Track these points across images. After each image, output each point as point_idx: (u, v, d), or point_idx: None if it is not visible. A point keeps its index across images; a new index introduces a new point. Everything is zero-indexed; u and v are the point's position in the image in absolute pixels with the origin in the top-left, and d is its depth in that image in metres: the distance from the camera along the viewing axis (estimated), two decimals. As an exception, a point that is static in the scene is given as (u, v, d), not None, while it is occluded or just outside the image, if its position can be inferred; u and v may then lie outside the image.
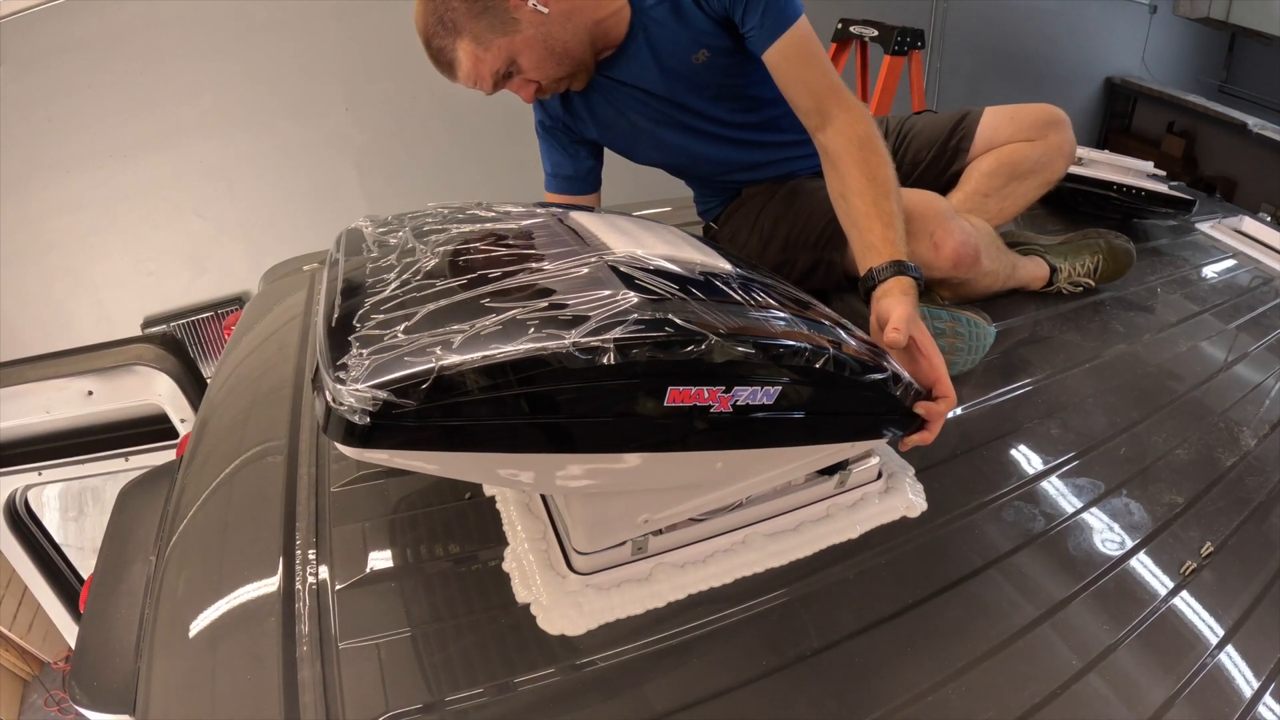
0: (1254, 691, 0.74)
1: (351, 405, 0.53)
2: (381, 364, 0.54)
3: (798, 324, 0.70)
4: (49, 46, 2.41)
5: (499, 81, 1.10)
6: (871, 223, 0.97)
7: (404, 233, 0.79)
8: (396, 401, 0.53)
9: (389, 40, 2.85)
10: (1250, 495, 1.00)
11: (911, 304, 0.88)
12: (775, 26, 1.07)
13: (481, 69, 1.07)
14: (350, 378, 0.54)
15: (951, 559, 0.85)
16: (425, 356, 0.54)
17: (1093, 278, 1.45)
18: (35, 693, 2.53)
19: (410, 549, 0.82)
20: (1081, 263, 1.44)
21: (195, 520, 0.88)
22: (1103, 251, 1.45)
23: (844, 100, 1.06)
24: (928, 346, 0.85)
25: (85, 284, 2.78)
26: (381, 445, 0.54)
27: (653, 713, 0.66)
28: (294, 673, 0.68)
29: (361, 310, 0.62)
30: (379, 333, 0.58)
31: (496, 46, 1.05)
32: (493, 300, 0.62)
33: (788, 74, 1.09)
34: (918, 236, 1.14)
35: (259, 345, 1.26)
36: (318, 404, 0.57)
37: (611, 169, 1.37)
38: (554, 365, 0.56)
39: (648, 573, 0.78)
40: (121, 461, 1.63)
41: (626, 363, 0.58)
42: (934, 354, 0.85)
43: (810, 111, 1.08)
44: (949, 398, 0.83)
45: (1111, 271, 1.46)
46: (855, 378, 0.72)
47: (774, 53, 1.08)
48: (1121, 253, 1.45)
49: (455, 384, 0.54)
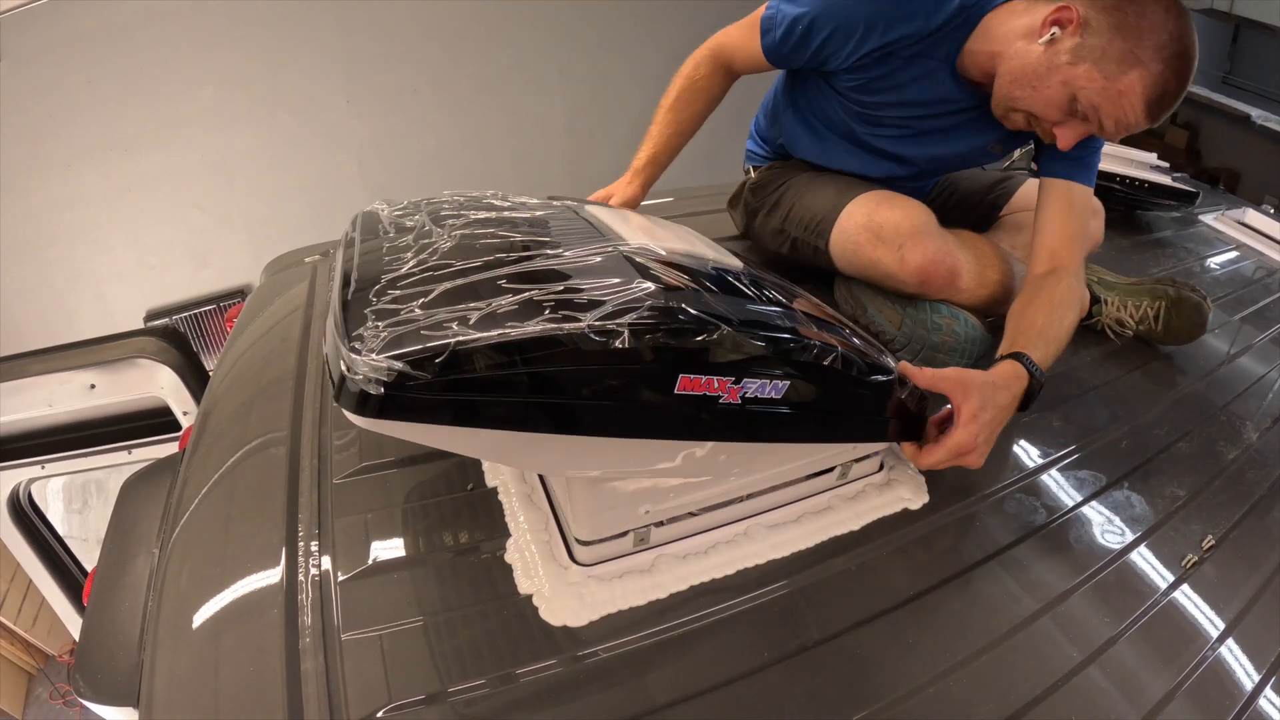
0: (1255, 685, 0.74)
1: (366, 375, 0.53)
2: (398, 336, 0.55)
3: (807, 322, 0.70)
4: (49, 41, 2.41)
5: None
6: (1029, 324, 1.00)
7: (420, 216, 0.79)
8: (412, 373, 0.53)
9: (390, 33, 2.84)
10: (1252, 489, 1.00)
11: (992, 401, 0.86)
12: (1083, 175, 1.13)
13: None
14: (366, 348, 0.54)
15: (953, 551, 0.86)
16: (442, 331, 0.55)
17: (1151, 325, 1.27)
18: (40, 686, 2.55)
19: (413, 540, 0.83)
20: (1137, 305, 1.28)
21: (198, 513, 0.88)
22: (1166, 299, 1.26)
23: (1081, 264, 1.11)
24: (963, 434, 0.84)
25: (87, 278, 2.79)
26: (394, 416, 0.55)
27: (655, 703, 0.67)
28: (297, 664, 0.68)
29: (378, 286, 0.62)
30: (395, 307, 0.58)
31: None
32: (509, 282, 0.62)
33: (1057, 214, 1.12)
34: (888, 245, 1.15)
35: (261, 338, 1.26)
36: (331, 373, 0.57)
37: (607, 171, 1.37)
38: (568, 346, 0.56)
39: (650, 564, 0.79)
40: (124, 454, 1.63)
41: (639, 348, 0.58)
42: (962, 441, 0.84)
43: (1050, 255, 1.10)
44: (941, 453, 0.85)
45: (1176, 326, 1.26)
46: (862, 377, 0.72)
47: (1060, 189, 1.13)
48: (1189, 306, 1.24)
49: (470, 359, 0.54)
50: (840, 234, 1.21)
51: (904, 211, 1.16)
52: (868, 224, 1.17)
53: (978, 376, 0.87)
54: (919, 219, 1.15)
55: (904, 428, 0.84)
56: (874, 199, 1.19)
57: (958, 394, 0.85)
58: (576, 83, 3.25)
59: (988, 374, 0.89)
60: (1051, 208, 1.13)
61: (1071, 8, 0.97)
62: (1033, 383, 0.92)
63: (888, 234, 1.15)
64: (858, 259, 1.20)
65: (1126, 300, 1.29)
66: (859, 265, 1.21)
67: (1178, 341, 1.28)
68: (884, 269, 1.16)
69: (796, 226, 1.30)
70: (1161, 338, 1.28)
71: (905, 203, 1.17)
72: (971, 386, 0.85)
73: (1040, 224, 1.13)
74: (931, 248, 1.13)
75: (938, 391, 0.86)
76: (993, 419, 0.86)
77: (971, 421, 0.84)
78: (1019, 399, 0.91)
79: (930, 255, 1.13)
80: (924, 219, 1.16)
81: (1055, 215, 1.13)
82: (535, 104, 3.20)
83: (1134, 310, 1.28)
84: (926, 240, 1.14)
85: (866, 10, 1.08)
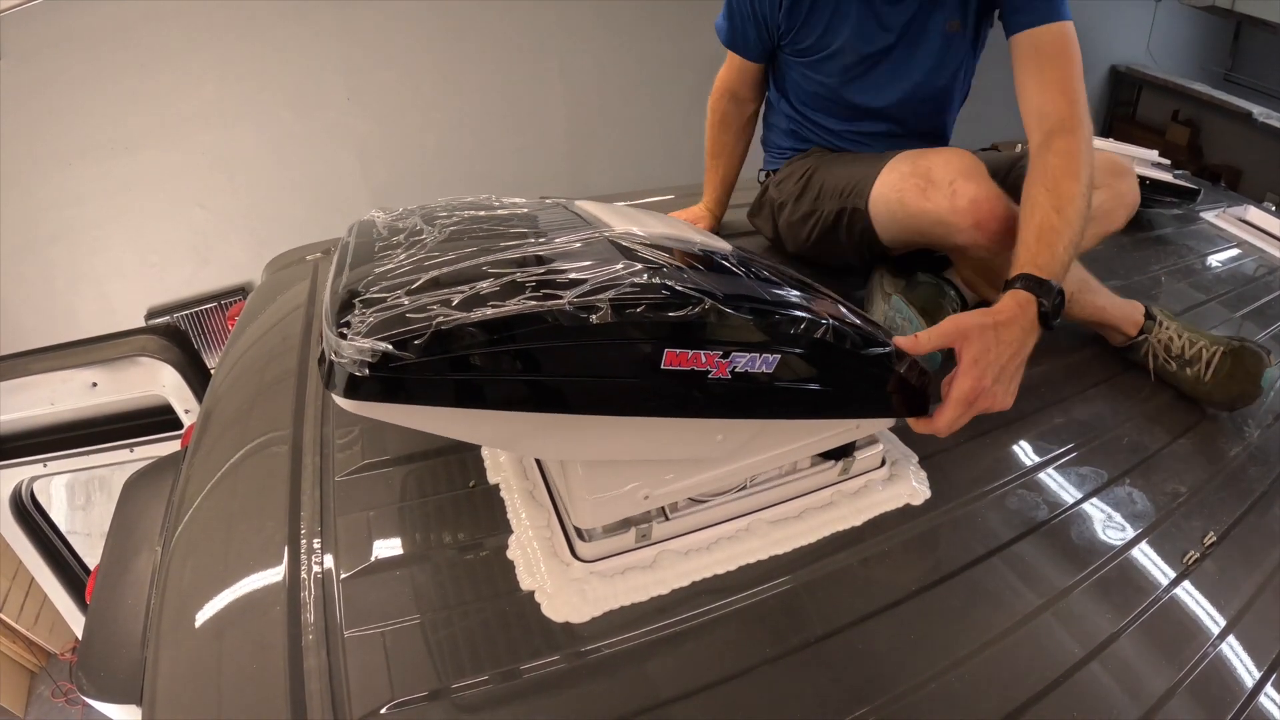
0: (1255, 681, 0.74)
1: (352, 358, 0.53)
2: (383, 320, 0.55)
3: (798, 296, 0.70)
4: (50, 39, 2.40)
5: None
6: (1027, 229, 0.94)
7: (414, 219, 0.79)
8: (395, 354, 0.53)
9: (391, 29, 2.84)
10: (1253, 485, 1.00)
11: (995, 340, 0.82)
12: (1044, 10, 1.04)
13: None
14: (352, 332, 0.55)
15: (955, 547, 0.86)
16: (425, 313, 0.55)
17: (1202, 371, 1.13)
18: (43, 684, 2.55)
19: (415, 537, 0.83)
20: (1195, 340, 1.15)
21: (200, 510, 0.89)
22: (1225, 345, 1.13)
23: (1086, 117, 1.02)
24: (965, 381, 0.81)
25: (88, 276, 2.79)
26: (380, 398, 0.55)
27: (657, 699, 0.67)
28: (300, 661, 0.68)
29: (368, 278, 0.63)
30: (383, 295, 0.59)
31: None
32: (493, 267, 0.62)
33: (1031, 70, 1.05)
34: (938, 187, 1.08)
35: (262, 335, 1.26)
36: (321, 363, 0.58)
37: (608, 167, 1.37)
38: (550, 323, 0.57)
39: (652, 560, 0.79)
40: (126, 453, 1.63)
41: (621, 322, 0.58)
42: (965, 389, 0.81)
43: (1050, 115, 1.02)
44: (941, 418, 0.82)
45: (1232, 377, 1.11)
46: (856, 350, 0.72)
47: (1025, 40, 1.06)
48: (1250, 356, 1.11)
49: (453, 338, 0.55)
50: (883, 186, 1.16)
51: (953, 153, 1.11)
52: (913, 169, 1.12)
53: (974, 319, 0.83)
54: (969, 160, 1.09)
55: (906, 402, 0.81)
56: (917, 152, 1.16)
57: (957, 342, 0.82)
58: (578, 81, 3.24)
59: (986, 313, 0.84)
60: (1023, 67, 1.06)
61: None
62: (1043, 301, 0.86)
63: (938, 174, 1.08)
64: (903, 211, 1.14)
65: (1184, 330, 1.17)
66: (905, 219, 1.15)
67: (1225, 396, 1.12)
68: (934, 215, 1.08)
69: (830, 199, 1.26)
70: (1209, 390, 1.13)
71: (951, 149, 1.14)
72: (970, 331, 0.81)
73: (1018, 92, 1.06)
74: (985, 186, 1.05)
75: (941, 348, 0.83)
76: (1000, 358, 0.82)
77: (973, 366, 0.80)
78: (1035, 323, 0.86)
79: (984, 192, 1.04)
80: (974, 161, 1.09)
81: (1029, 73, 1.05)
82: (537, 102, 3.19)
83: (1188, 344, 1.15)
84: (980, 179, 1.06)
85: None
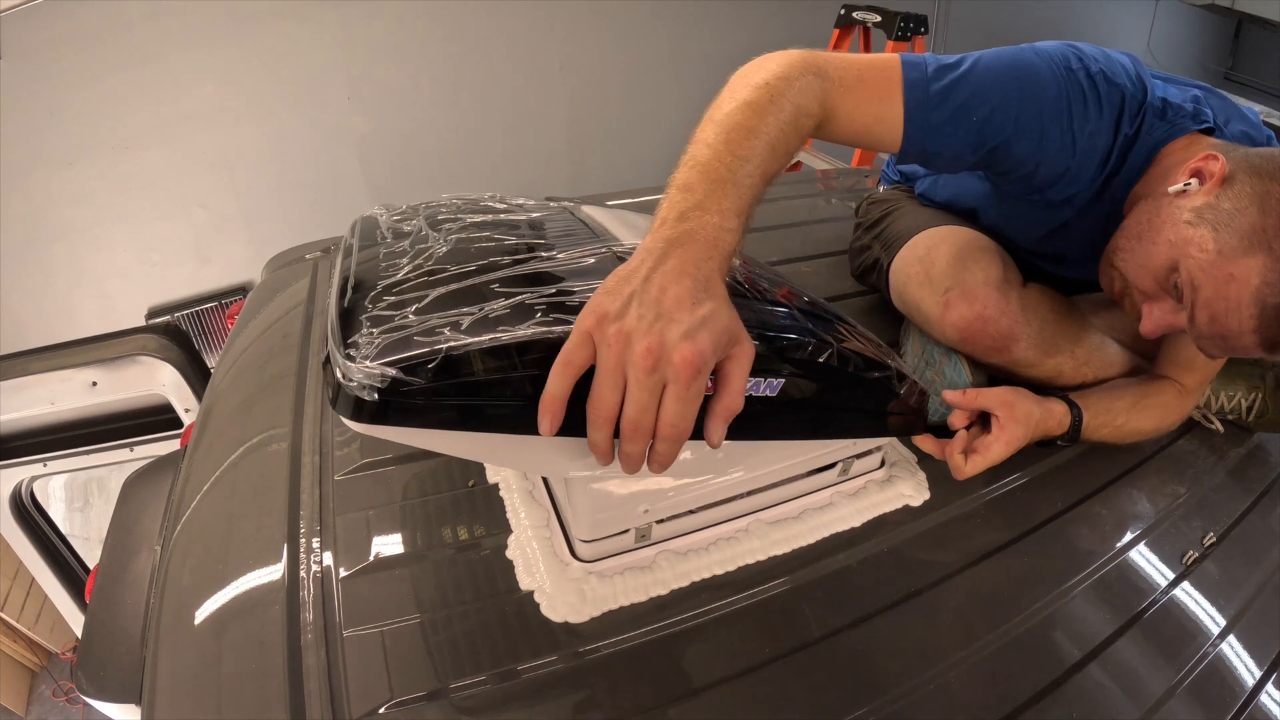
0: (1256, 681, 0.74)
1: (361, 382, 0.53)
2: (391, 343, 0.55)
3: (803, 318, 0.70)
4: (50, 38, 2.41)
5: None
6: (1110, 397, 0.97)
7: (418, 220, 0.79)
8: (405, 379, 0.53)
9: (391, 29, 2.84)
10: (1253, 485, 1.00)
11: (1035, 430, 0.89)
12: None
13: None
14: (360, 355, 0.54)
15: (954, 548, 0.85)
16: (434, 336, 0.55)
17: (1243, 417, 1.10)
18: (43, 683, 2.55)
19: (414, 537, 0.83)
20: (1231, 395, 1.09)
21: (199, 509, 0.89)
22: (1264, 389, 1.08)
23: (1197, 388, 1.02)
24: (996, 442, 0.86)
25: (89, 275, 2.79)
26: (389, 422, 0.55)
27: (656, 699, 0.67)
28: (299, 660, 0.68)
29: (374, 292, 0.63)
30: (390, 313, 0.59)
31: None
32: (502, 285, 0.63)
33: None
34: (934, 289, 0.99)
35: (262, 334, 1.26)
36: (327, 381, 0.58)
37: (608, 167, 1.36)
38: (560, 349, 0.56)
39: (651, 560, 0.79)
40: (126, 452, 1.64)
41: None
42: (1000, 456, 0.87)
43: (1186, 370, 1.00)
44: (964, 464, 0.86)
45: (1272, 414, 1.07)
46: (859, 373, 0.72)
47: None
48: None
49: (462, 364, 0.55)
50: (899, 261, 1.09)
51: (969, 256, 0.99)
52: (923, 257, 1.03)
53: (1030, 403, 0.88)
54: (981, 268, 0.97)
55: (905, 423, 0.83)
56: (948, 233, 1.04)
57: (1004, 412, 0.87)
58: (579, 79, 3.24)
59: (1041, 402, 0.90)
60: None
61: (1219, 158, 0.77)
62: (1068, 434, 0.93)
63: (937, 275, 1.00)
64: (905, 295, 1.07)
65: (1219, 391, 1.11)
66: (905, 302, 1.08)
67: (1271, 429, 1.10)
68: (925, 313, 1.02)
69: (881, 242, 1.20)
70: (1255, 427, 1.10)
71: (977, 248, 1.00)
72: (1020, 413, 0.87)
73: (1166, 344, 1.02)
74: (981, 304, 0.95)
75: (985, 410, 0.88)
76: (1026, 439, 0.88)
77: (1012, 442, 0.86)
78: (1047, 432, 0.92)
79: (977, 312, 0.95)
80: (987, 270, 0.97)
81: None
82: (537, 101, 3.20)
83: (1226, 400, 1.11)
84: (979, 294, 0.95)
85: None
